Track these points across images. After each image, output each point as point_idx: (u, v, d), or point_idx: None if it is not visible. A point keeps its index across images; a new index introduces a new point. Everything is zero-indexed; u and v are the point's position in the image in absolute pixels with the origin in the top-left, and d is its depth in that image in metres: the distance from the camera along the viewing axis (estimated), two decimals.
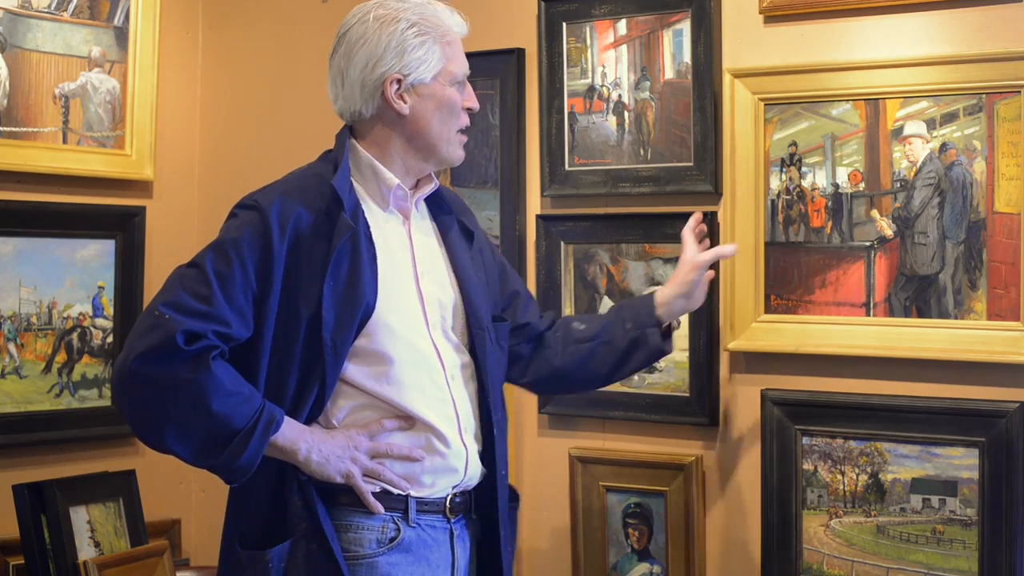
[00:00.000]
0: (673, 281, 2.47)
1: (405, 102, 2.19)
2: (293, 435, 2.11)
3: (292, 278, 2.12)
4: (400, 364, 2.16)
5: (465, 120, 2.26)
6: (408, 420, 2.17)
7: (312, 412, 2.14)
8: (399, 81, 2.18)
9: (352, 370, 2.14)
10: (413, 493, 2.17)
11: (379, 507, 2.14)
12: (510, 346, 2.43)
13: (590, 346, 2.43)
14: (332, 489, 2.14)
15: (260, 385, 2.12)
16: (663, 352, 2.45)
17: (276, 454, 2.11)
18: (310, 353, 2.11)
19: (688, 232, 2.50)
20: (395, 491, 2.15)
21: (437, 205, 2.34)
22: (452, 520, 2.21)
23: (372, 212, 2.21)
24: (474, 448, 2.23)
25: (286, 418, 2.11)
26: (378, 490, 2.14)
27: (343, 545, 2.12)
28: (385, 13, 2.20)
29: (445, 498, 2.20)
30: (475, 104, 2.28)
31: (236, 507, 2.22)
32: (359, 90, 2.19)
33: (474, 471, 2.23)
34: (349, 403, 2.16)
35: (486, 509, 2.27)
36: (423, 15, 2.21)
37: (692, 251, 2.48)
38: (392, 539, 2.15)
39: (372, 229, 2.18)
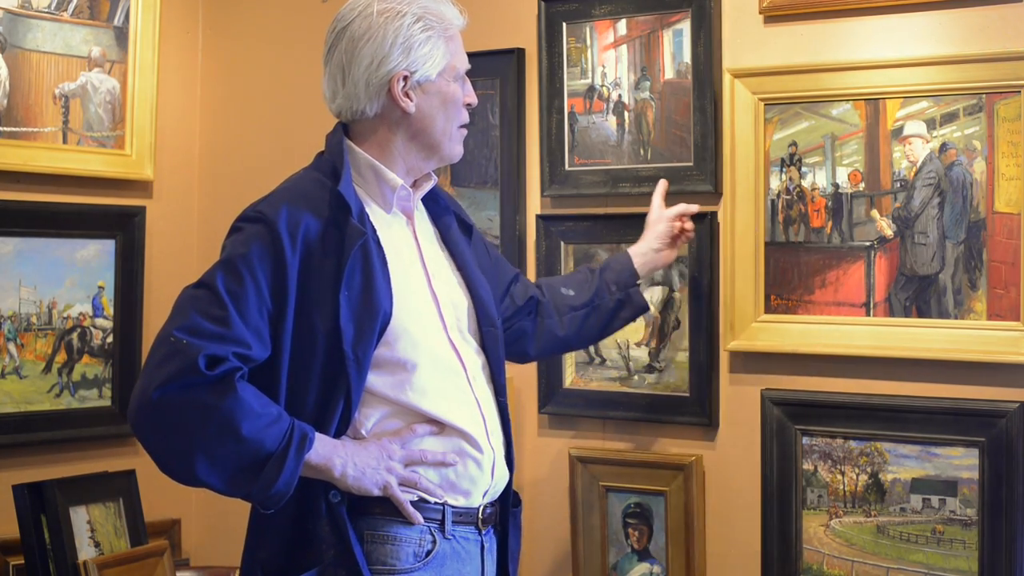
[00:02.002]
0: (646, 236, 2.67)
1: (411, 100, 2.13)
2: (326, 451, 2.02)
3: (305, 290, 2.04)
4: (422, 370, 2.09)
5: (465, 116, 2.22)
6: (438, 426, 2.11)
7: (340, 426, 2.06)
8: (405, 78, 2.12)
9: (374, 380, 2.07)
10: (450, 502, 2.11)
11: (418, 517, 2.07)
12: (514, 325, 2.46)
13: (584, 312, 2.55)
14: (366, 500, 2.06)
15: (281, 404, 2.04)
16: (645, 309, 2.62)
17: (311, 473, 2.03)
18: (331, 367, 2.04)
19: (658, 195, 2.72)
20: (431, 500, 2.09)
21: (433, 201, 2.30)
22: (483, 532, 2.17)
23: (376, 215, 2.15)
24: (500, 451, 2.19)
25: (317, 434, 2.02)
26: (415, 499, 2.08)
27: (378, 559, 2.06)
28: (388, 7, 2.12)
29: (478, 508, 2.15)
30: (474, 100, 2.24)
31: (257, 532, 2.12)
32: (363, 88, 2.12)
33: (500, 475, 2.19)
34: (377, 412, 2.09)
35: (504, 517, 2.23)
36: (427, 9, 2.14)
37: (659, 207, 2.70)
38: (428, 552, 2.09)
39: (379, 233, 2.11)
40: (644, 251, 2.63)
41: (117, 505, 3.09)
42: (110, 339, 3.32)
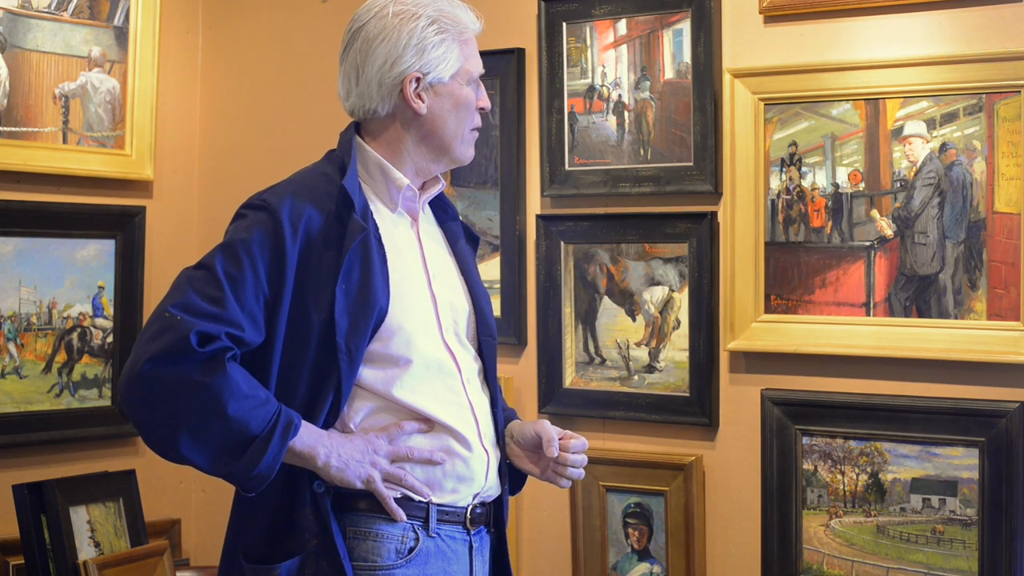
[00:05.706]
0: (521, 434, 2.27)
1: (423, 101, 2.14)
2: (311, 440, 2.03)
3: (303, 281, 2.05)
4: (414, 368, 2.10)
5: (478, 120, 2.22)
6: (427, 423, 2.11)
7: (328, 418, 2.07)
8: (418, 80, 2.13)
9: (366, 374, 2.08)
10: (435, 500, 2.10)
11: (401, 514, 2.06)
12: None
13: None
14: (350, 495, 2.07)
15: (271, 391, 2.05)
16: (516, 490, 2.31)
17: (294, 460, 2.03)
18: (323, 358, 2.05)
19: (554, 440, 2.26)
20: (416, 498, 2.09)
21: (441, 209, 2.30)
22: (472, 532, 2.16)
23: (380, 213, 2.16)
24: (495, 455, 2.18)
25: (303, 422, 2.03)
26: (399, 495, 2.08)
27: (360, 555, 2.06)
28: (404, 9, 2.14)
29: (466, 508, 2.14)
30: (488, 104, 2.24)
31: (240, 516, 2.13)
32: (376, 88, 2.13)
33: (494, 479, 2.18)
34: (366, 406, 2.10)
35: (500, 520, 2.22)
36: (442, 12, 2.16)
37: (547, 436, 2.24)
38: (411, 549, 2.08)
39: (381, 231, 2.12)
40: (511, 445, 2.26)
41: (117, 505, 3.09)
42: (110, 339, 3.32)
